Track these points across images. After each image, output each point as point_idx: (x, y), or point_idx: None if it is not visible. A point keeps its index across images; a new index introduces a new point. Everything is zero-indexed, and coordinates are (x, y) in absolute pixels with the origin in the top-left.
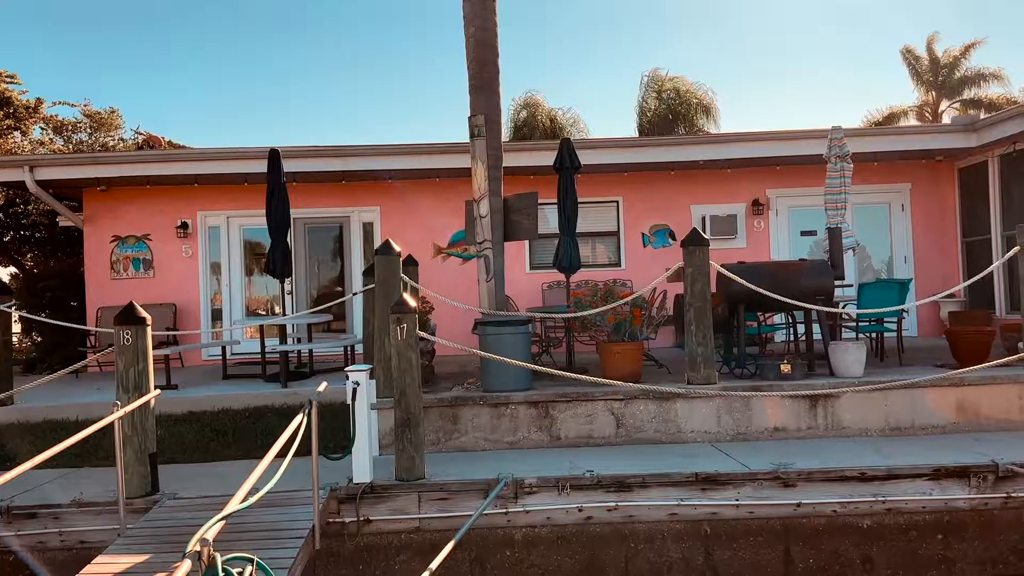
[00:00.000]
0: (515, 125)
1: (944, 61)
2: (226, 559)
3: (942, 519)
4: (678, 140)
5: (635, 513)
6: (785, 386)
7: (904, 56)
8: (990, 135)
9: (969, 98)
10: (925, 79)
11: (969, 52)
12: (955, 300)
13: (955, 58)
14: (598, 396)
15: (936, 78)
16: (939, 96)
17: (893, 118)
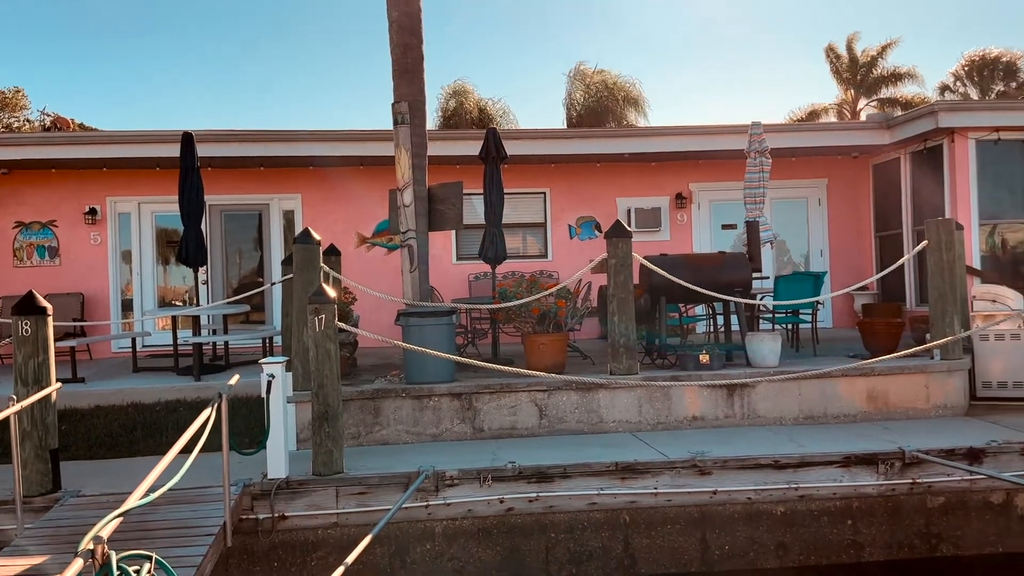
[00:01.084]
0: (444, 114)
1: (863, 60)
2: (122, 557)
3: (852, 505)
4: (604, 133)
5: (556, 503)
6: (704, 376)
7: (827, 54)
8: (903, 133)
9: (886, 96)
10: (845, 77)
11: (886, 52)
12: (868, 293)
13: (873, 57)
14: (522, 387)
15: (855, 76)
16: (858, 94)
17: (815, 114)
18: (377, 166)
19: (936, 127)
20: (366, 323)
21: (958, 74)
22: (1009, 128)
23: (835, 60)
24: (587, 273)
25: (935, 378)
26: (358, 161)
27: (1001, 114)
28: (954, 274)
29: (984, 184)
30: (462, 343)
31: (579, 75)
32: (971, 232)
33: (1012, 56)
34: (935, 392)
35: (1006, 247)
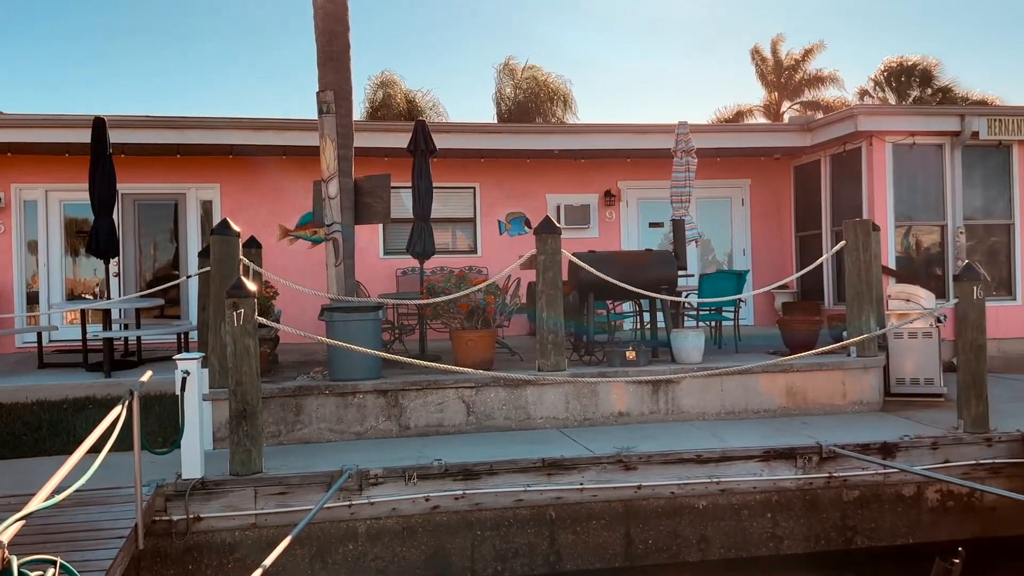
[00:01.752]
0: (371, 105)
1: (787, 63)
2: (24, 562)
3: (771, 498)
4: (534, 128)
5: (482, 501)
6: (630, 372)
7: (752, 56)
8: (823, 135)
9: (808, 100)
10: (770, 80)
11: (810, 56)
12: (788, 291)
13: (797, 61)
14: (449, 384)
15: (779, 79)
16: (782, 96)
17: (741, 115)
18: (301, 156)
19: (855, 130)
20: (288, 318)
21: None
22: (924, 133)
23: (760, 62)
24: (516, 269)
25: (852, 375)
26: (281, 151)
27: (916, 119)
28: (870, 274)
29: (899, 187)
30: (389, 339)
31: (508, 70)
32: (887, 233)
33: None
34: (851, 388)
35: (920, 248)
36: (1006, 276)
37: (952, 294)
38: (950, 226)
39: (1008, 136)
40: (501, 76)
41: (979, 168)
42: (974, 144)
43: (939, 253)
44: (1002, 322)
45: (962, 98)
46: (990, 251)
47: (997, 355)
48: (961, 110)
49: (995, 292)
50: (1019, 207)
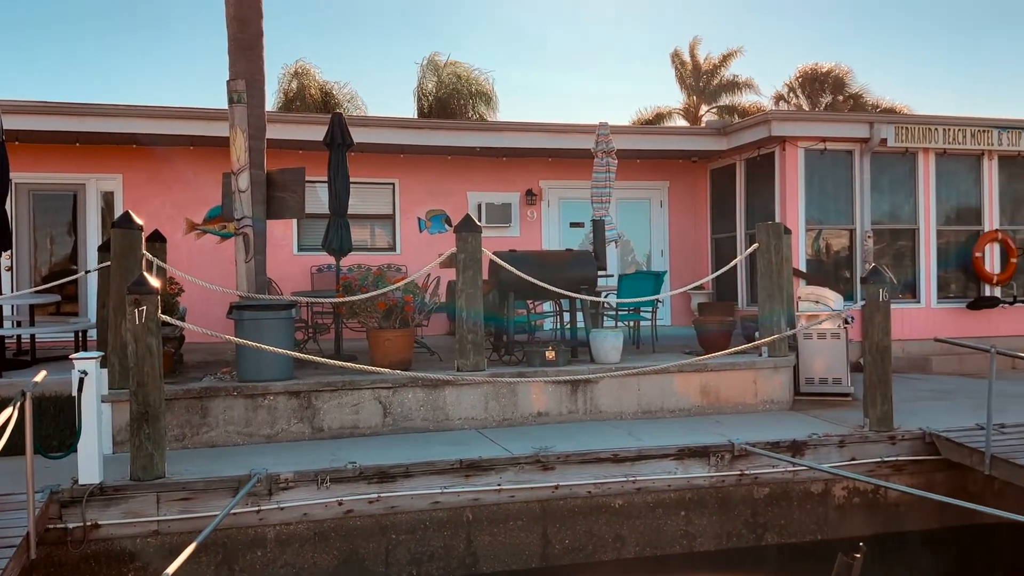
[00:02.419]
0: (286, 96)
1: (705, 67)
2: None
3: (685, 496)
4: (455, 125)
5: (398, 504)
6: (549, 372)
7: (672, 60)
8: (738, 139)
9: (726, 104)
10: (689, 83)
11: (728, 60)
12: (704, 292)
13: (715, 65)
14: (365, 385)
15: (698, 83)
16: (700, 100)
17: (661, 117)
18: (211, 147)
19: (769, 135)
20: (195, 316)
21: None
22: (834, 139)
23: (680, 66)
24: (436, 267)
25: (763, 374)
26: (189, 141)
27: (828, 125)
28: (782, 275)
29: (811, 191)
30: (302, 339)
31: (432, 65)
32: (798, 236)
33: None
34: (763, 388)
35: (829, 251)
36: (911, 279)
37: (859, 296)
38: (858, 230)
39: (914, 144)
40: (424, 71)
41: (887, 174)
42: (882, 151)
43: (848, 256)
44: (907, 324)
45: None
46: (896, 255)
47: (902, 355)
48: (870, 117)
49: (901, 295)
50: (923, 212)
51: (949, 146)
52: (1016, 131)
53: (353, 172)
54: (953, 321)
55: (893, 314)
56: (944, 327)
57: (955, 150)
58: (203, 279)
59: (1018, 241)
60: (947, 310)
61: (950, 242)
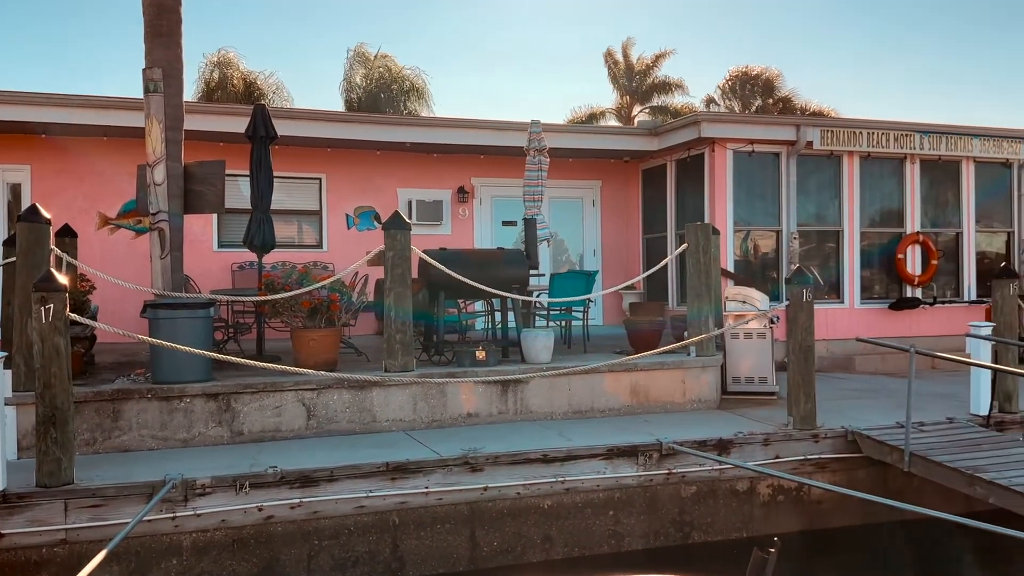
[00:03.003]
0: (207, 86)
1: (638, 68)
2: None
3: (614, 496)
4: (385, 119)
5: (321, 508)
6: (479, 372)
7: (605, 59)
8: (669, 140)
9: (658, 104)
10: (621, 83)
11: (660, 61)
12: (635, 292)
13: (648, 66)
14: (288, 386)
15: (631, 83)
16: (633, 100)
17: (595, 117)
18: (125, 138)
19: (698, 136)
20: (108, 315)
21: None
22: (762, 141)
23: (613, 65)
24: (364, 265)
25: (691, 374)
26: (102, 131)
27: (756, 127)
28: (710, 276)
29: (739, 192)
30: (222, 339)
31: (360, 57)
32: (727, 237)
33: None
34: (691, 387)
35: (757, 252)
36: (835, 280)
37: (785, 297)
38: (785, 231)
39: (839, 147)
40: (352, 63)
41: (813, 176)
42: (808, 153)
43: (775, 257)
44: (831, 324)
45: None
46: (822, 256)
47: (826, 355)
48: (797, 120)
49: (826, 295)
50: (848, 215)
51: (873, 149)
52: (937, 135)
53: (278, 166)
54: (876, 321)
55: (817, 314)
56: (867, 327)
57: (879, 153)
58: (117, 276)
59: (939, 243)
60: (870, 311)
61: (873, 244)
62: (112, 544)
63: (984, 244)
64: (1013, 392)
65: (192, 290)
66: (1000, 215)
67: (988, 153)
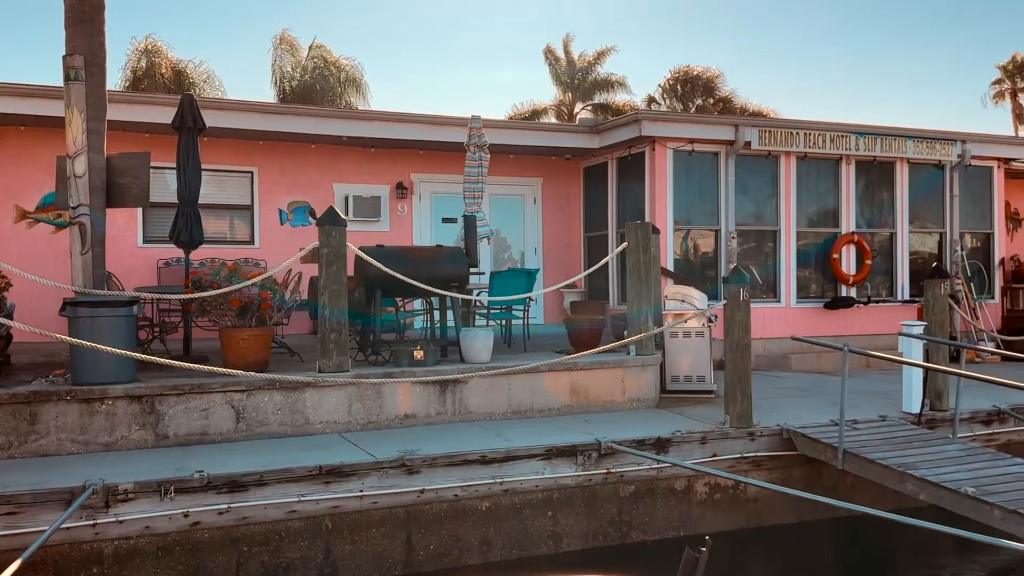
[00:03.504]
0: (133, 75)
1: (580, 64)
2: None
3: (552, 496)
4: (320, 112)
5: (250, 514)
6: (417, 372)
7: (546, 55)
8: (610, 138)
9: (600, 102)
10: (563, 80)
11: (602, 58)
12: (577, 291)
13: (590, 63)
14: (216, 387)
15: (573, 80)
16: (575, 97)
17: (537, 113)
18: (45, 128)
19: (639, 135)
20: (25, 314)
21: (664, 87)
22: (702, 140)
23: (554, 62)
24: (297, 263)
25: (631, 372)
26: (19, 120)
27: (695, 127)
28: (650, 274)
29: (679, 192)
30: (146, 338)
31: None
32: (667, 236)
33: (711, 74)
34: (630, 386)
35: (697, 251)
36: (772, 279)
37: (723, 296)
38: (723, 230)
39: (777, 147)
40: (279, 51)
41: (751, 176)
42: (747, 153)
43: (714, 256)
44: (768, 323)
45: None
46: (759, 255)
47: (763, 354)
48: (735, 120)
49: (763, 294)
50: (784, 214)
51: (810, 150)
52: (873, 137)
53: (208, 159)
54: (812, 320)
55: (755, 313)
56: (803, 326)
57: (815, 154)
58: (35, 272)
59: (873, 243)
60: (806, 310)
61: (810, 243)
62: (28, 553)
63: (917, 244)
64: (944, 390)
65: (115, 287)
66: (933, 216)
67: (922, 155)
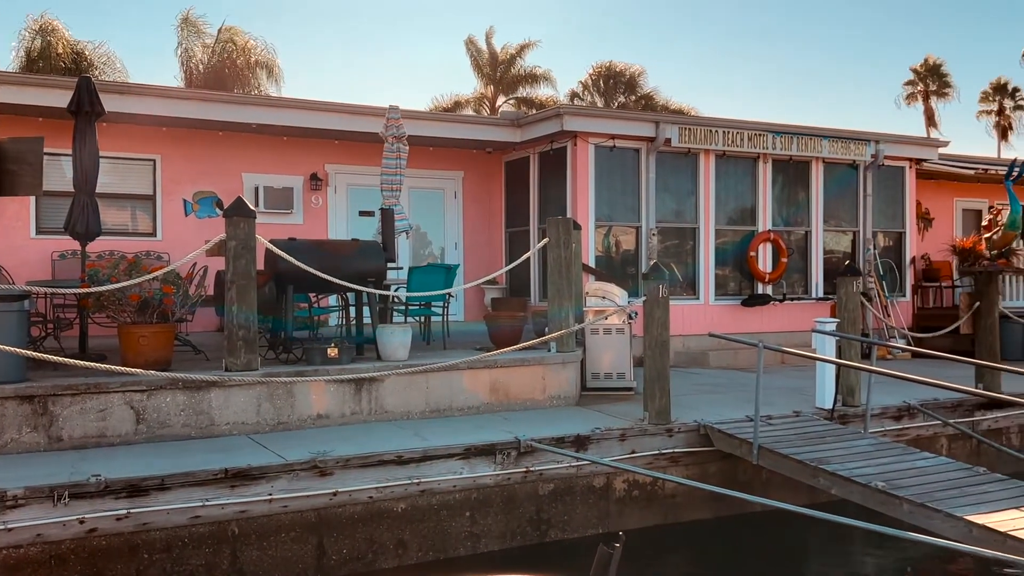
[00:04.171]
0: (28, 56)
1: (502, 57)
2: None
3: (470, 496)
4: (229, 98)
5: (151, 520)
6: (331, 371)
7: (467, 47)
8: (532, 132)
9: (523, 96)
10: (485, 72)
11: (525, 51)
12: (498, 287)
13: (512, 55)
14: (114, 387)
15: (495, 72)
16: (497, 90)
17: (459, 105)
18: None
19: (561, 129)
20: None
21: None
22: (623, 136)
23: (476, 53)
24: (203, 256)
25: (551, 370)
26: None
27: (617, 123)
28: (571, 271)
29: (601, 188)
30: (39, 335)
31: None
32: (588, 232)
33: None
34: (551, 383)
35: (619, 248)
36: (692, 277)
37: (643, 292)
38: (644, 227)
39: (696, 145)
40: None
41: (672, 174)
42: (667, 151)
43: (635, 253)
44: (687, 320)
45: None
46: (679, 253)
47: (682, 351)
48: (656, 117)
49: (683, 292)
50: (704, 212)
51: (728, 148)
52: (789, 136)
53: (108, 146)
54: (730, 317)
55: (674, 311)
56: (721, 323)
57: (734, 152)
58: None
59: (789, 242)
60: (724, 307)
61: (728, 241)
62: None
63: (832, 243)
64: (856, 386)
65: (5, 281)
66: (847, 215)
67: (836, 154)
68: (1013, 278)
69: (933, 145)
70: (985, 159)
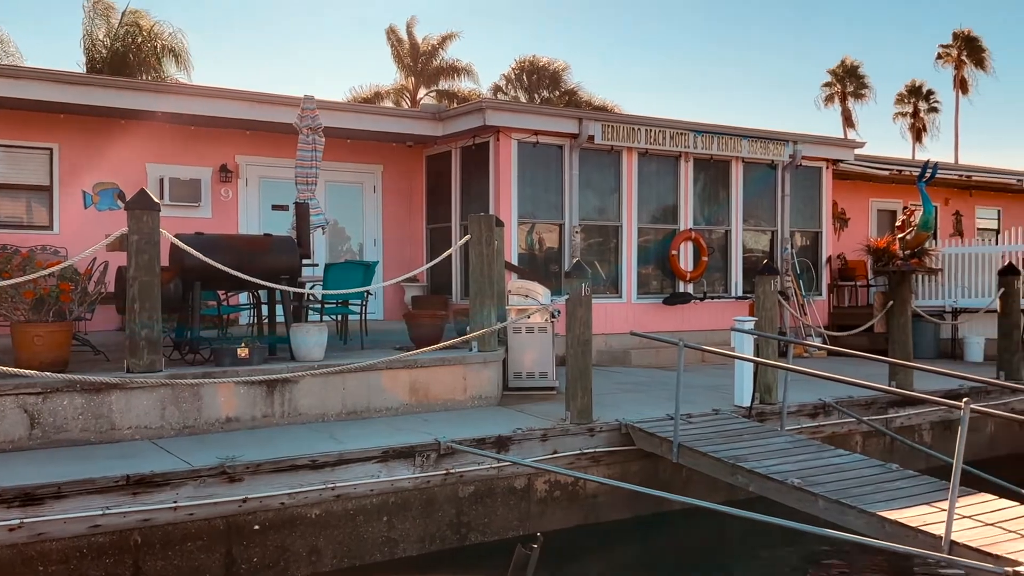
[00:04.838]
0: None
1: (424, 48)
2: None
3: (388, 500)
4: (131, 84)
5: (47, 530)
6: (240, 372)
7: (388, 36)
8: (454, 126)
9: (445, 88)
10: (406, 63)
11: (447, 43)
12: (418, 285)
13: (434, 47)
14: (7, 390)
15: (416, 64)
16: (418, 82)
17: (380, 96)
18: None
19: (483, 124)
20: None
21: (509, 77)
22: (547, 132)
23: (397, 43)
24: (103, 251)
25: (472, 369)
26: None
27: (540, 118)
28: (492, 269)
29: (524, 184)
30: None
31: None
32: (511, 229)
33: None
34: (472, 383)
35: (542, 245)
36: (615, 275)
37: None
38: (567, 225)
39: (619, 142)
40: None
41: (595, 171)
42: (590, 148)
43: (558, 251)
44: (610, 318)
45: (587, 102)
46: (603, 251)
47: (605, 349)
48: (579, 114)
49: (605, 290)
50: (627, 210)
51: (651, 146)
52: (710, 135)
53: (1, 133)
54: (652, 316)
55: (597, 309)
56: (643, 322)
57: (656, 150)
58: None
59: (710, 240)
60: (646, 305)
61: (650, 240)
62: None
63: (751, 242)
64: (773, 384)
65: None
66: (766, 214)
67: (756, 154)
68: (925, 278)
69: (849, 146)
70: (900, 160)
